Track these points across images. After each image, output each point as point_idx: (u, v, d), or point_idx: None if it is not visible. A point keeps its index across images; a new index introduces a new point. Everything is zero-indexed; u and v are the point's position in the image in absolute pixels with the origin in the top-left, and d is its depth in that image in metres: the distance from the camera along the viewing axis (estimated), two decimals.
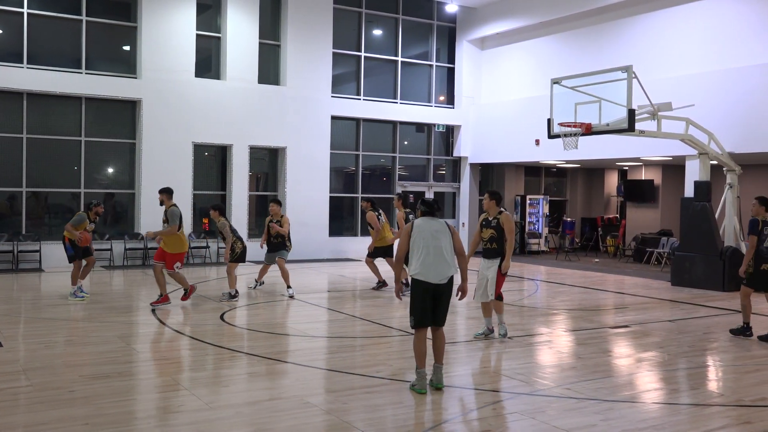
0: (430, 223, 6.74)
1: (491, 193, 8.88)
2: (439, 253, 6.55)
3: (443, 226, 6.76)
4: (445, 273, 6.54)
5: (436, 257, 6.54)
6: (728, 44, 15.40)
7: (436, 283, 6.51)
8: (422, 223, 6.74)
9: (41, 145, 16.27)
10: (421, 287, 6.52)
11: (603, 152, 17.32)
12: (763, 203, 9.15)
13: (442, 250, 6.57)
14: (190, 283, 11.35)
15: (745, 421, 5.83)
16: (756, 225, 9.02)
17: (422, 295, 6.52)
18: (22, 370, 7.05)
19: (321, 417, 5.80)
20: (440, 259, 6.55)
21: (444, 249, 6.58)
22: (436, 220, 6.81)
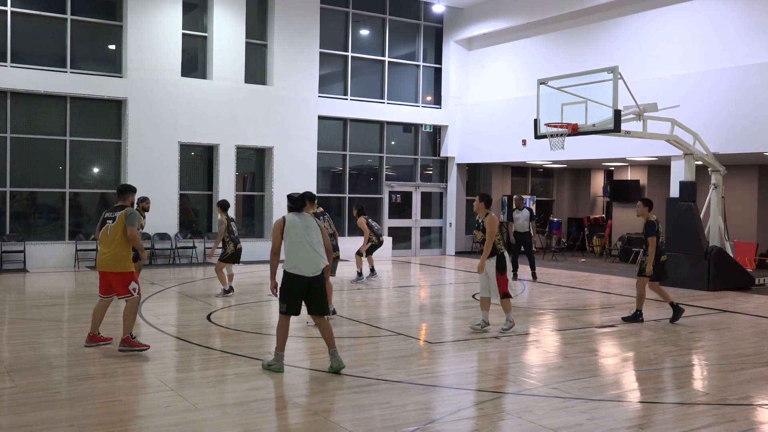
0: (300, 219, 7.15)
1: (481, 196, 9.45)
2: (311, 247, 7.02)
3: (312, 222, 7.21)
4: (318, 266, 7.03)
5: (309, 252, 7.01)
6: (713, 45, 15.51)
7: (309, 276, 6.98)
8: (293, 219, 7.14)
9: (26, 145, 16.14)
10: (297, 281, 6.97)
11: (589, 153, 17.40)
12: (647, 204, 10.46)
13: (314, 244, 7.04)
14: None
15: (730, 419, 5.88)
16: (654, 226, 10.05)
17: (297, 288, 7.01)
18: (6, 372, 6.98)
19: (308, 417, 5.78)
20: (313, 254, 7.02)
21: (315, 243, 7.06)
22: (305, 216, 7.23)
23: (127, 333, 7.75)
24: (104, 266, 7.89)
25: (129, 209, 7.96)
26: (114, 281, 7.86)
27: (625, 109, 13.01)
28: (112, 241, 7.81)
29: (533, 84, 14.55)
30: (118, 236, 7.80)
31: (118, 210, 7.96)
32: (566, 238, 23.21)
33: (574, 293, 13.56)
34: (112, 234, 7.84)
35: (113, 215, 7.93)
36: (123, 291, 7.86)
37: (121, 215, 7.86)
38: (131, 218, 7.88)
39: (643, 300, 10.34)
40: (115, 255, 7.80)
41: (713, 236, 14.63)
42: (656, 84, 15.73)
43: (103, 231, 7.91)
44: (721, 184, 14.85)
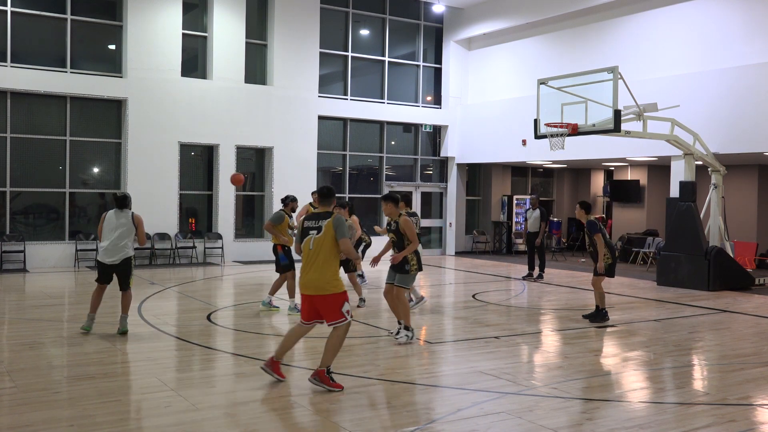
0: (117, 215, 8.65)
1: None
2: (117, 240, 8.51)
3: (127, 218, 8.64)
4: (119, 256, 8.57)
5: (113, 244, 8.54)
6: (713, 46, 15.52)
7: (109, 263, 8.60)
8: (111, 215, 8.68)
9: (26, 145, 16.14)
10: (100, 266, 8.72)
11: (589, 152, 17.41)
12: (584, 207, 10.49)
13: (120, 237, 8.53)
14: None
15: (730, 419, 5.88)
16: (596, 225, 10.10)
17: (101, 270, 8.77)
18: (6, 372, 6.98)
19: (309, 417, 5.78)
20: (116, 246, 8.53)
21: (121, 236, 8.52)
22: (124, 213, 8.64)
23: (326, 365, 6.47)
24: (314, 289, 6.49)
25: (337, 217, 6.54)
26: (322, 305, 6.50)
27: (625, 109, 13.01)
28: (316, 255, 6.46)
29: (533, 84, 14.55)
30: (326, 250, 6.47)
31: (323, 218, 6.57)
32: (566, 238, 23.21)
33: (574, 293, 13.56)
34: (316, 247, 6.49)
35: (318, 224, 6.53)
36: (335, 316, 6.50)
37: (329, 224, 6.50)
38: (342, 227, 6.51)
39: (604, 298, 10.34)
40: (326, 274, 6.47)
41: (713, 236, 14.63)
42: (656, 84, 15.73)
43: (305, 244, 6.58)
44: (721, 184, 14.85)
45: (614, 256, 10.25)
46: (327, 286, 6.42)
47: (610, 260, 10.16)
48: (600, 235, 10.06)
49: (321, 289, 6.42)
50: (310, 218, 6.62)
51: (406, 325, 8.58)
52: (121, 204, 8.78)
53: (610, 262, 10.16)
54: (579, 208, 10.53)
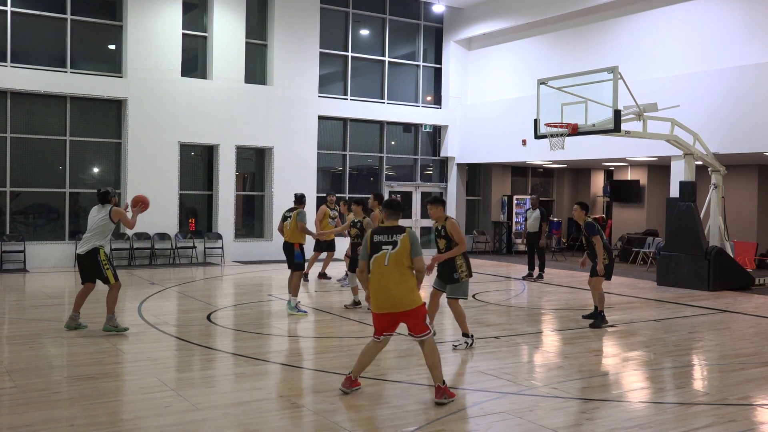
0: (98, 210, 8.98)
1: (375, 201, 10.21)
2: (88, 233, 8.93)
3: (104, 212, 8.92)
4: (84, 248, 8.85)
5: (84, 236, 8.99)
6: (713, 46, 15.52)
7: (78, 254, 8.99)
8: (93, 210, 9.06)
9: (25, 145, 16.14)
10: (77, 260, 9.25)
11: (589, 153, 17.41)
12: (583, 208, 10.36)
13: (90, 230, 8.90)
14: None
15: (730, 419, 5.88)
16: (594, 227, 10.05)
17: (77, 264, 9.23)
18: (6, 372, 6.98)
19: (308, 417, 5.78)
20: (85, 239, 8.93)
21: (89, 230, 8.92)
22: (104, 207, 8.97)
23: (441, 379, 6.19)
24: (394, 305, 6.20)
25: (412, 232, 6.35)
26: (408, 320, 6.24)
27: (625, 109, 13.01)
28: (392, 271, 6.18)
29: (533, 84, 14.55)
30: (404, 265, 6.22)
31: (396, 232, 6.29)
32: (566, 238, 23.20)
33: (574, 293, 13.56)
34: (392, 263, 6.19)
35: (392, 238, 6.24)
36: (421, 328, 6.24)
37: (405, 240, 6.24)
38: (418, 244, 6.28)
39: (603, 300, 10.13)
40: (408, 288, 6.22)
41: (713, 236, 14.63)
42: (656, 84, 15.73)
43: (377, 260, 6.22)
44: (721, 184, 14.85)
45: (611, 258, 10.19)
46: (411, 301, 6.20)
47: (607, 261, 10.08)
48: (598, 237, 9.99)
49: (406, 305, 6.17)
50: (380, 232, 6.32)
51: (464, 332, 8.37)
52: (102, 199, 9.03)
53: (607, 263, 10.08)
54: (579, 209, 10.41)
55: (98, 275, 8.88)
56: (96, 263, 8.82)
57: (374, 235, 6.32)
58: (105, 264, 8.82)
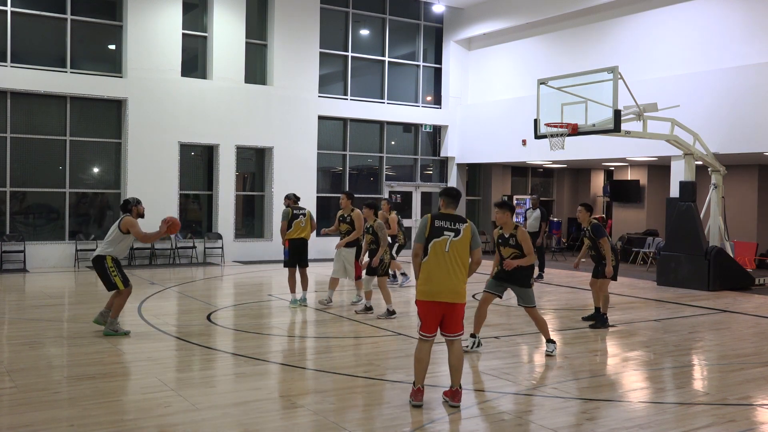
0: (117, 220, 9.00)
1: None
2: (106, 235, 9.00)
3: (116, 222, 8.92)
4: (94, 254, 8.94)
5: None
6: (713, 46, 15.52)
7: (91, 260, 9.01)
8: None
9: (25, 145, 16.13)
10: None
11: (589, 153, 17.40)
12: (588, 209, 10.26)
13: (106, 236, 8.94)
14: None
15: (730, 419, 5.88)
16: (601, 229, 9.96)
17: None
18: (6, 372, 6.98)
19: (308, 417, 5.78)
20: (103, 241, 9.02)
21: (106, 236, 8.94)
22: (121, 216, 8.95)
23: (458, 383, 6.11)
24: (449, 294, 6.01)
25: (472, 224, 6.21)
26: (451, 313, 6.07)
27: (625, 109, 13.01)
28: (454, 260, 6.03)
29: (533, 84, 14.55)
30: (465, 256, 6.09)
31: (459, 221, 6.13)
32: (566, 238, 23.20)
33: (574, 293, 13.56)
34: (452, 251, 6.04)
35: (455, 226, 6.09)
36: (458, 327, 6.12)
37: (467, 229, 6.11)
38: (477, 236, 6.20)
39: (608, 302, 10.04)
40: (463, 280, 6.08)
41: (713, 236, 14.63)
42: (656, 84, 15.73)
43: (438, 245, 6.04)
44: (721, 184, 14.85)
45: (617, 259, 10.12)
46: (460, 294, 6.01)
47: (614, 263, 9.99)
48: (606, 238, 9.84)
49: (456, 297, 5.99)
50: (441, 218, 6.12)
51: (548, 339, 8.18)
52: (122, 208, 9.19)
53: (614, 264, 9.99)
54: (583, 210, 10.24)
55: (106, 281, 8.89)
56: (103, 270, 8.83)
57: (435, 220, 6.09)
58: (112, 270, 8.82)
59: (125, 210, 9.11)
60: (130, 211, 9.07)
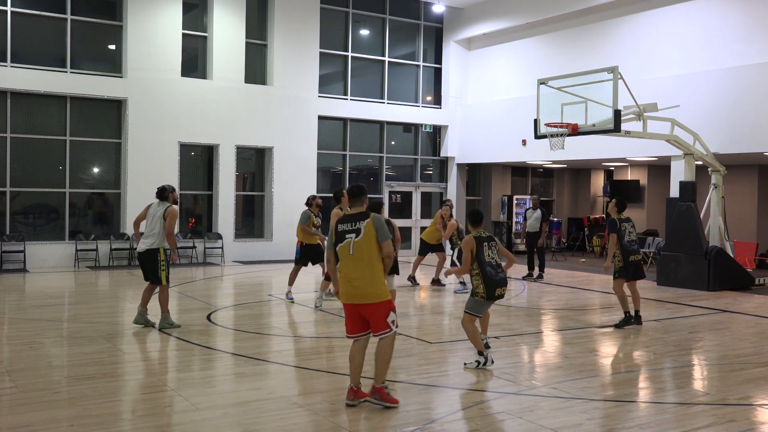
0: (155, 207, 9.14)
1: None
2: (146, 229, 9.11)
3: (161, 210, 9.05)
4: (142, 246, 9.08)
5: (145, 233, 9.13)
6: (713, 46, 15.52)
7: (138, 251, 9.15)
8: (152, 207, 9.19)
9: (25, 145, 16.14)
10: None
11: (589, 153, 17.40)
12: (618, 205, 10.13)
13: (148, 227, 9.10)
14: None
15: (730, 419, 5.88)
16: (615, 224, 9.94)
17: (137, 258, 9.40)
18: (6, 372, 6.98)
19: (308, 417, 5.78)
20: (145, 235, 9.10)
21: (148, 226, 9.07)
22: (161, 204, 9.10)
23: (382, 381, 6.05)
24: (359, 296, 6.00)
25: (377, 217, 6.07)
26: (368, 313, 6.04)
27: (625, 109, 13.01)
28: (360, 260, 5.96)
29: (533, 84, 14.55)
30: (371, 254, 5.97)
31: (360, 219, 6.06)
32: (566, 238, 23.20)
33: (574, 293, 13.56)
34: (357, 252, 5.97)
35: (355, 226, 6.01)
36: (381, 326, 6.02)
37: (369, 225, 6.00)
38: (383, 229, 6.03)
39: (626, 300, 9.97)
40: (373, 279, 5.99)
41: (713, 236, 14.63)
42: (656, 84, 15.72)
43: (342, 249, 6.04)
44: (721, 184, 14.84)
45: (626, 260, 9.87)
46: (373, 293, 5.96)
47: (622, 263, 9.88)
48: (615, 235, 9.80)
49: (368, 296, 5.96)
50: (345, 221, 6.10)
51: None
52: (159, 195, 9.22)
53: (622, 265, 9.88)
54: (612, 205, 10.09)
55: (153, 274, 9.02)
56: (155, 262, 8.97)
57: (339, 224, 6.13)
58: (163, 264, 8.99)
59: (162, 197, 9.09)
60: (167, 198, 9.10)
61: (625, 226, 9.96)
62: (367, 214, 6.06)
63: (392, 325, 6.04)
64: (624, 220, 10.01)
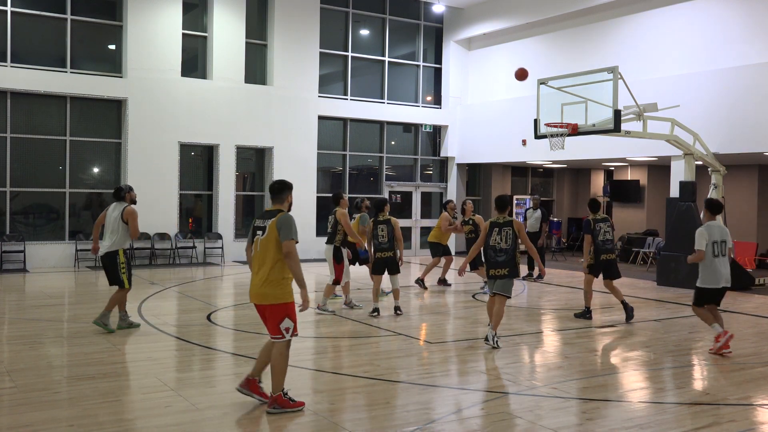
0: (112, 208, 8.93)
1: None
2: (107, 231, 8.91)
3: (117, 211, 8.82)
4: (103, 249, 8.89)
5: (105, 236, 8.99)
6: (713, 45, 15.51)
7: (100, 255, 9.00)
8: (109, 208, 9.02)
9: (26, 145, 16.13)
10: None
11: (589, 153, 17.40)
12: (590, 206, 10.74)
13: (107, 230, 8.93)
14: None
15: (730, 419, 5.88)
16: (589, 225, 10.45)
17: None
18: (6, 372, 6.98)
19: (308, 417, 5.78)
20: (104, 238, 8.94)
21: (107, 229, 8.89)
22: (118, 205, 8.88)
23: (280, 389, 5.83)
24: (254, 296, 5.88)
25: (283, 216, 5.80)
26: (264, 315, 5.89)
27: (625, 109, 13.01)
28: (262, 259, 5.81)
29: (533, 84, 14.55)
30: (270, 254, 5.77)
31: (270, 217, 5.85)
32: (566, 238, 23.20)
33: (574, 293, 13.56)
34: (262, 250, 5.81)
35: (264, 224, 5.85)
36: (274, 330, 5.83)
37: (272, 224, 5.79)
38: (288, 227, 5.75)
39: (590, 296, 10.62)
40: (268, 279, 5.78)
41: None
42: (656, 84, 15.72)
43: (253, 246, 5.96)
44: (721, 184, 14.84)
45: (597, 258, 10.38)
46: (269, 294, 5.74)
47: (593, 261, 10.39)
48: (589, 236, 10.37)
49: (261, 297, 5.78)
50: (260, 217, 5.93)
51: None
52: (116, 195, 9.02)
53: (592, 262, 10.40)
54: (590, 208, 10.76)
55: (115, 277, 8.86)
56: (114, 264, 8.82)
57: (255, 220, 5.98)
58: (123, 266, 8.81)
59: (119, 198, 8.91)
60: (124, 198, 8.91)
61: (600, 226, 10.40)
62: (276, 213, 5.83)
63: (286, 333, 5.76)
64: (600, 220, 10.46)
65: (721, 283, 8.25)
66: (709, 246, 8.24)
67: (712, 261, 8.24)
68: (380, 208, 10.88)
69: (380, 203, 10.97)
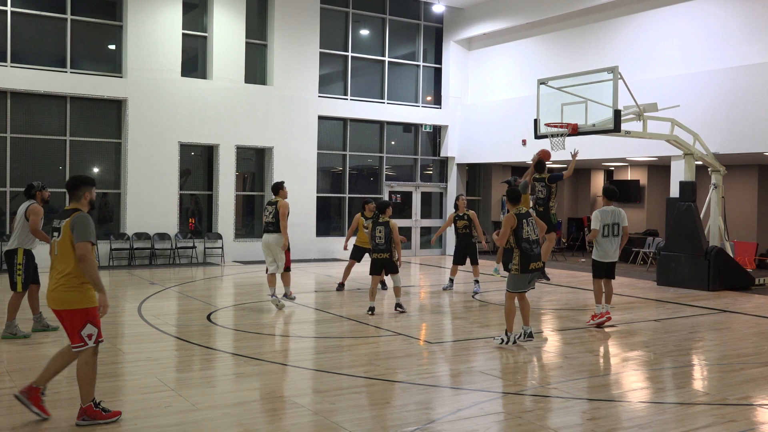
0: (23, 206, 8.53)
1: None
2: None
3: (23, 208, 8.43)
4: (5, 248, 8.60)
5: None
6: (713, 45, 15.52)
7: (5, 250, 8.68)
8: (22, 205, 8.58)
9: (26, 145, 16.14)
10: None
11: (589, 153, 17.39)
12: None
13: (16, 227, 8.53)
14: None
15: (730, 419, 5.88)
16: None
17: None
18: (6, 372, 6.98)
19: (308, 417, 5.78)
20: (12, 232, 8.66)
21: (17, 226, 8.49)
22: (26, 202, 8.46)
23: (90, 399, 5.47)
24: (49, 300, 5.50)
25: (78, 216, 5.43)
26: (63, 322, 5.52)
27: (625, 109, 13.00)
28: (57, 261, 5.49)
29: (533, 84, 14.55)
30: (64, 256, 5.43)
31: (64, 217, 5.51)
32: (566, 238, 23.20)
33: (574, 293, 13.56)
34: (59, 252, 5.47)
35: (59, 225, 5.51)
36: (74, 338, 5.44)
37: (66, 225, 5.43)
38: (81, 228, 5.37)
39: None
40: (60, 283, 5.41)
41: (713, 236, 14.63)
42: (656, 84, 15.72)
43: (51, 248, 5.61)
44: (721, 184, 14.84)
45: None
46: (65, 299, 5.36)
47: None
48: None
49: (60, 302, 5.39)
50: (58, 216, 5.56)
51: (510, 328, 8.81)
52: (26, 193, 8.60)
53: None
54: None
55: (10, 276, 8.50)
56: (12, 265, 8.43)
57: (54, 220, 5.59)
58: (19, 267, 8.37)
59: (29, 195, 8.49)
60: (34, 196, 8.52)
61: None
62: (71, 213, 5.45)
63: (88, 340, 5.38)
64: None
65: (607, 258, 9.68)
66: (600, 227, 9.73)
67: (602, 240, 9.70)
68: (382, 210, 10.91)
69: (383, 205, 11.01)
